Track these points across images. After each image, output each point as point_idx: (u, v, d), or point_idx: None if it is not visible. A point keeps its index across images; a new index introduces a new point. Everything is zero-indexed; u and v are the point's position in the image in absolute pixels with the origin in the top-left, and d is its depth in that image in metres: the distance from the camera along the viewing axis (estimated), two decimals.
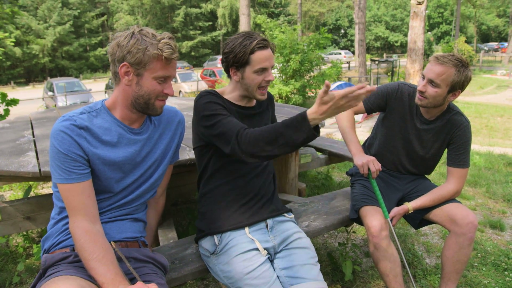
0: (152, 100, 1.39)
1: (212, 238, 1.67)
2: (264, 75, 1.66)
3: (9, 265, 2.72)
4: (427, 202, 2.06)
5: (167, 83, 1.40)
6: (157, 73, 1.35)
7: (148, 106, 1.40)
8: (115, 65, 1.36)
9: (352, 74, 25.81)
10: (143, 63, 1.32)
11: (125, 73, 1.36)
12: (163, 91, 1.39)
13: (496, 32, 58.29)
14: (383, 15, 49.21)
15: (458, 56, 1.90)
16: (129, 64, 1.33)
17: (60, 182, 1.33)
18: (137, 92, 1.37)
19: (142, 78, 1.35)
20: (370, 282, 2.49)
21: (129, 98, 1.40)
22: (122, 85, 1.39)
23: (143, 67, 1.33)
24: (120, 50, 1.33)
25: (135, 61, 1.32)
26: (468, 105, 12.89)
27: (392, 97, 2.15)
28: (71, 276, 1.23)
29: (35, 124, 3.19)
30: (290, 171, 2.94)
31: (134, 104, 1.40)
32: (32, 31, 35.54)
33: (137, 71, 1.34)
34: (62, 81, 16.74)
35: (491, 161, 5.34)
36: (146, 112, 1.43)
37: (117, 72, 1.36)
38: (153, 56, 1.32)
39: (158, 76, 1.36)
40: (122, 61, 1.34)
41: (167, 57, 1.33)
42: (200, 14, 45.61)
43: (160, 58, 1.33)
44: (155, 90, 1.37)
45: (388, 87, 2.17)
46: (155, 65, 1.34)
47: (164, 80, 1.39)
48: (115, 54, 1.34)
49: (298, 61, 12.49)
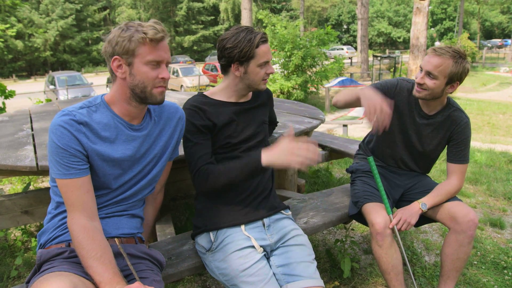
0: (148, 88, 1.36)
1: (208, 235, 1.66)
2: (266, 68, 1.69)
3: (7, 259, 2.72)
4: (437, 200, 2.03)
5: (161, 68, 1.36)
6: (146, 57, 1.32)
7: (146, 95, 1.37)
8: (109, 62, 1.35)
9: (354, 69, 25.78)
10: (131, 50, 1.31)
11: (117, 66, 1.34)
12: (158, 76, 1.36)
13: (499, 29, 58.01)
14: (386, 10, 49.02)
15: (455, 48, 1.89)
16: (119, 57, 1.32)
17: (59, 177, 1.31)
18: (131, 82, 1.35)
19: (134, 66, 1.33)
20: (368, 279, 2.48)
21: (127, 91, 1.38)
22: (118, 80, 1.38)
23: (132, 55, 1.32)
24: (109, 45, 1.33)
25: (123, 50, 1.31)
26: (471, 102, 12.85)
27: (391, 92, 2.13)
28: (65, 273, 1.22)
29: (34, 118, 3.17)
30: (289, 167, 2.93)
31: (133, 96, 1.38)
32: (34, 24, 35.52)
33: (127, 61, 1.33)
34: (63, 75, 16.76)
35: (493, 159, 5.32)
36: (146, 102, 1.40)
37: (112, 69, 1.36)
38: (139, 41, 1.30)
39: (149, 61, 1.33)
40: (113, 55, 1.33)
41: (152, 37, 1.30)
42: (203, 8, 45.52)
43: (146, 41, 1.31)
44: (148, 76, 1.34)
45: (387, 83, 2.16)
46: (143, 49, 1.31)
47: (157, 65, 1.35)
48: (107, 51, 1.34)
49: (301, 56, 12.45)
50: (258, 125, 1.79)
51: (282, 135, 1.45)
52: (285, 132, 1.40)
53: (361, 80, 22.12)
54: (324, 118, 3.06)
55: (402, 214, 1.98)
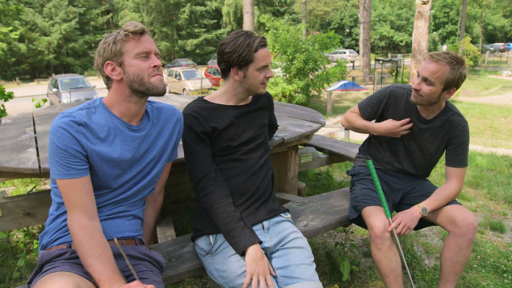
0: (145, 79, 1.40)
1: (208, 238, 1.67)
2: (265, 71, 1.70)
3: (9, 261, 2.74)
4: (437, 204, 2.04)
5: (151, 58, 1.42)
6: (134, 51, 1.38)
7: (146, 86, 1.41)
8: (103, 72, 1.41)
9: (357, 73, 25.78)
10: (118, 50, 1.37)
11: (111, 70, 1.40)
12: (150, 66, 1.41)
13: (502, 33, 57.97)
14: (388, 14, 49.07)
15: (452, 54, 1.90)
16: (110, 61, 1.39)
17: (59, 177, 1.34)
18: (127, 79, 1.39)
19: (125, 64, 1.39)
20: (368, 283, 2.49)
21: (126, 90, 1.42)
22: (115, 83, 1.42)
23: (120, 54, 1.38)
24: (99, 56, 1.41)
25: (112, 53, 1.38)
26: (473, 105, 12.83)
27: (385, 103, 2.18)
28: (67, 272, 1.24)
29: (37, 121, 3.20)
30: (289, 170, 2.94)
31: (133, 93, 1.42)
32: (37, 28, 35.71)
33: (118, 62, 1.39)
34: (66, 78, 16.80)
35: (494, 162, 5.31)
36: (148, 94, 1.43)
37: (107, 76, 1.41)
38: (122, 39, 1.37)
39: (137, 54, 1.38)
40: (104, 62, 1.39)
41: (133, 31, 1.37)
42: (205, 12, 45.64)
43: (129, 37, 1.37)
44: (141, 67, 1.39)
45: (379, 95, 2.20)
46: (129, 45, 1.38)
47: (146, 56, 1.41)
48: (98, 62, 1.41)
49: (303, 60, 12.46)
50: (258, 128, 1.81)
51: None
52: None
53: (363, 84, 22.12)
54: (325, 122, 3.08)
55: (402, 218, 1.99)
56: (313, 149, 3.39)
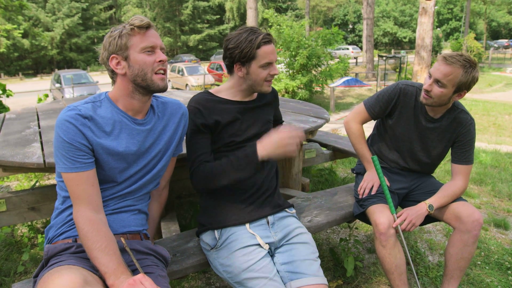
0: (149, 75, 1.40)
1: (213, 233, 1.67)
2: (269, 69, 1.67)
3: (14, 255, 2.75)
4: (443, 201, 2.03)
5: (157, 53, 1.42)
6: (139, 45, 1.38)
7: (148, 82, 1.40)
8: (108, 66, 1.41)
9: (360, 69, 25.71)
10: (124, 44, 1.37)
11: (116, 64, 1.40)
12: (155, 61, 1.41)
13: (506, 29, 57.61)
14: (392, 10, 48.77)
15: (466, 56, 1.86)
16: (115, 55, 1.39)
17: (65, 171, 1.34)
18: (132, 73, 1.39)
19: (130, 58, 1.38)
20: (372, 279, 2.49)
21: (129, 85, 1.42)
22: (119, 77, 1.42)
23: (126, 48, 1.38)
24: (104, 50, 1.41)
25: (117, 47, 1.38)
26: (476, 102, 12.78)
27: (394, 100, 2.13)
28: (74, 266, 1.24)
29: (41, 116, 3.20)
30: (293, 166, 2.94)
31: (136, 88, 1.42)
32: (40, 23, 35.72)
33: (124, 56, 1.39)
34: (69, 73, 16.82)
35: (498, 159, 5.30)
36: (149, 90, 1.43)
37: (112, 70, 1.41)
38: (128, 33, 1.37)
39: (143, 48, 1.38)
40: (109, 56, 1.39)
41: (139, 25, 1.36)
42: (208, 8, 45.54)
43: (135, 31, 1.37)
44: (146, 62, 1.39)
45: (389, 93, 2.14)
46: (134, 40, 1.38)
47: (152, 51, 1.41)
48: (103, 56, 1.41)
49: (306, 56, 12.42)
50: (263, 124, 1.80)
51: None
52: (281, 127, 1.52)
53: (366, 80, 22.05)
54: (329, 118, 3.07)
55: (407, 214, 1.98)
56: (317, 145, 3.38)
